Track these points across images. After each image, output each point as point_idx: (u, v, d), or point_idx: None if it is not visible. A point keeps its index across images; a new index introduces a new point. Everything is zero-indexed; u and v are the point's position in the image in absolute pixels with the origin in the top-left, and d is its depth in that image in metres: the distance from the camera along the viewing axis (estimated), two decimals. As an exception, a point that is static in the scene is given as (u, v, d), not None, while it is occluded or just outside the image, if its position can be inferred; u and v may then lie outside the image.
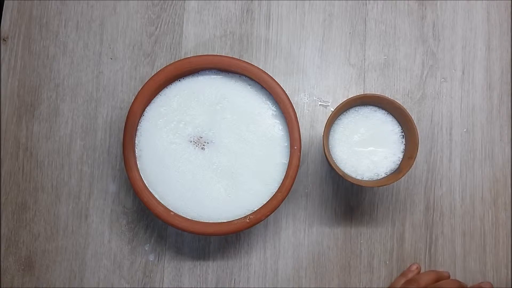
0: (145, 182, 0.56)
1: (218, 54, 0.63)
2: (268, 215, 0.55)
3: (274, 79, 0.57)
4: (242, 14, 0.64)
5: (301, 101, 0.63)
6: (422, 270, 0.60)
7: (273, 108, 0.57)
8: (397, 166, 0.56)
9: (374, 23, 0.64)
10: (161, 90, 0.58)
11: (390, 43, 0.64)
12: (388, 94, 0.63)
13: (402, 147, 0.56)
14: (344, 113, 0.57)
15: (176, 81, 0.58)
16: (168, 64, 0.58)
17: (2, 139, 0.62)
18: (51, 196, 0.61)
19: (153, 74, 0.58)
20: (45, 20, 0.63)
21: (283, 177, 0.55)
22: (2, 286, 0.60)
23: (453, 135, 0.62)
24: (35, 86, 0.62)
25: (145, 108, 0.57)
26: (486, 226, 0.61)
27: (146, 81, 0.57)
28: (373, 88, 0.63)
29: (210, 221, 0.55)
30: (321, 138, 0.62)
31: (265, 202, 0.55)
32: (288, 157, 0.56)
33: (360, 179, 0.56)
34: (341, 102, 0.55)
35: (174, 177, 0.56)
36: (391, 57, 0.64)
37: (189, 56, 0.59)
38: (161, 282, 0.60)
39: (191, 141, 0.57)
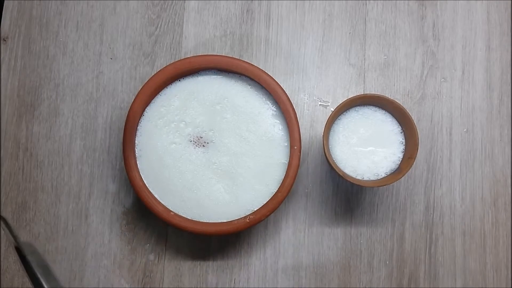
0: (145, 182, 0.56)
1: (218, 54, 0.63)
2: (268, 215, 0.55)
3: (274, 79, 0.57)
4: (242, 14, 0.64)
5: (301, 101, 0.63)
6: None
7: (273, 108, 0.57)
8: (397, 166, 0.56)
9: (374, 23, 0.64)
10: (161, 90, 0.58)
11: (390, 43, 0.64)
12: (388, 94, 0.63)
13: (402, 147, 0.56)
14: (344, 113, 0.57)
15: (176, 81, 0.58)
16: (168, 64, 0.58)
17: (2, 139, 0.62)
18: (51, 196, 0.61)
19: (153, 74, 0.58)
20: (45, 20, 0.63)
21: (283, 177, 0.55)
22: (2, 286, 0.60)
23: (453, 135, 0.62)
24: (35, 86, 0.63)
25: (145, 108, 0.57)
26: (486, 226, 0.61)
27: (146, 81, 0.57)
28: (373, 88, 0.63)
29: (210, 221, 0.55)
30: (321, 138, 0.62)
31: (265, 202, 0.55)
32: (288, 157, 0.56)
33: (360, 179, 0.56)
34: (341, 102, 0.55)
35: (174, 177, 0.56)
36: (391, 57, 0.64)
37: (189, 56, 0.59)
38: (161, 282, 0.60)
39: (191, 141, 0.57)
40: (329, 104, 0.63)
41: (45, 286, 0.39)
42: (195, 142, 0.57)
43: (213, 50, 0.63)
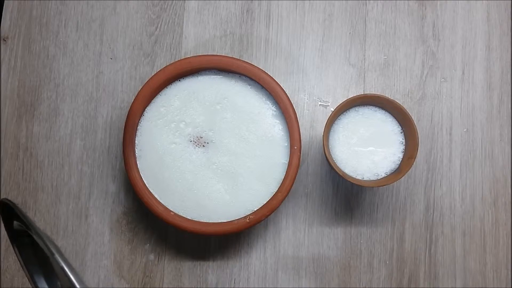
0: (145, 182, 0.56)
1: (218, 54, 0.63)
2: (268, 215, 0.55)
3: (274, 79, 0.57)
4: (242, 14, 0.64)
5: (301, 101, 0.63)
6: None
7: (273, 108, 0.57)
8: (397, 166, 0.56)
9: (374, 23, 0.64)
10: (161, 90, 0.58)
11: (390, 43, 0.64)
12: (388, 94, 0.63)
13: (402, 147, 0.56)
14: (344, 113, 0.57)
15: (176, 81, 0.58)
16: (168, 64, 0.58)
17: (2, 139, 0.62)
18: (51, 196, 0.61)
19: (153, 74, 0.58)
20: (45, 20, 0.63)
21: (283, 177, 0.55)
22: (2, 286, 0.60)
23: (453, 135, 0.62)
24: (35, 86, 0.63)
25: (145, 108, 0.57)
26: (486, 226, 0.61)
27: (146, 81, 0.57)
28: (373, 88, 0.63)
29: (210, 221, 0.55)
30: (321, 138, 0.62)
31: (265, 202, 0.55)
32: (288, 157, 0.56)
33: (360, 179, 0.56)
34: (341, 102, 0.55)
35: (174, 177, 0.56)
36: (391, 57, 0.63)
37: (189, 56, 0.59)
38: (161, 282, 0.60)
39: (191, 141, 0.57)
40: (329, 104, 0.63)
41: (54, 252, 0.38)
42: (195, 142, 0.57)
43: (213, 50, 0.63)
